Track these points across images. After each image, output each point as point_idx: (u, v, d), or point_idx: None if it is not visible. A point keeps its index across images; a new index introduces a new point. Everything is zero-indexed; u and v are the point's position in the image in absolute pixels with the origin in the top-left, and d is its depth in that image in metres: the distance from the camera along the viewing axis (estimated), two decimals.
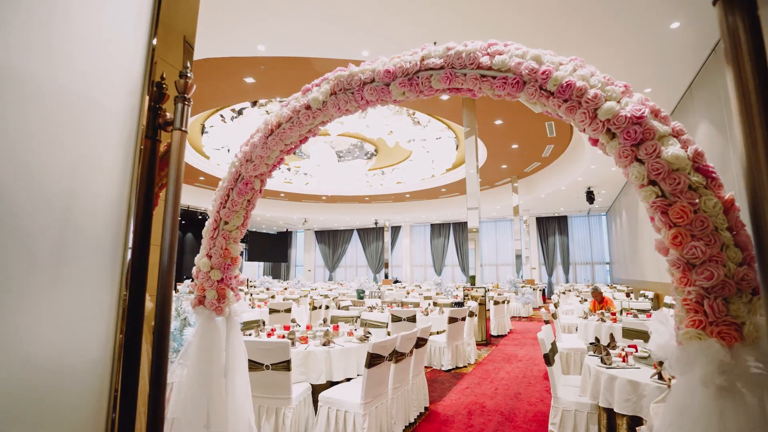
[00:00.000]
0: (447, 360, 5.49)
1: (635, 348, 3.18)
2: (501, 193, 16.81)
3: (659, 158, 1.14)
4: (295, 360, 3.39)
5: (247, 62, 7.19)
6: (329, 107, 1.85)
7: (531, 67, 1.39)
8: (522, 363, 6.00)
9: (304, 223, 23.38)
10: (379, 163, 15.08)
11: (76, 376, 1.07)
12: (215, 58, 6.85)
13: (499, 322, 8.54)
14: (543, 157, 12.50)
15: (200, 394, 2.07)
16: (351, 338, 3.80)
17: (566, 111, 1.36)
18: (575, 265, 20.25)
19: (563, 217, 20.37)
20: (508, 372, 5.47)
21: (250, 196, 2.17)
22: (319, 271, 26.59)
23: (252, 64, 7.23)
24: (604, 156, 10.05)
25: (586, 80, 1.32)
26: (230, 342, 2.21)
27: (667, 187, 1.13)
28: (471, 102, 8.44)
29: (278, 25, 5.40)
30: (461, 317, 5.66)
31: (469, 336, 6.02)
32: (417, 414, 3.73)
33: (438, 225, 23.30)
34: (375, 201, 20.25)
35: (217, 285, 2.14)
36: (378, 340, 3.02)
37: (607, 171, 11.62)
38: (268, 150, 2.03)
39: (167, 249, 1.32)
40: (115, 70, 1.29)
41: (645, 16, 4.61)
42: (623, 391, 2.48)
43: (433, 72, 1.61)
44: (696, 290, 1.05)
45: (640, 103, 1.23)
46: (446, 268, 22.93)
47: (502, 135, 10.70)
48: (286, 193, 18.11)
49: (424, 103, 9.01)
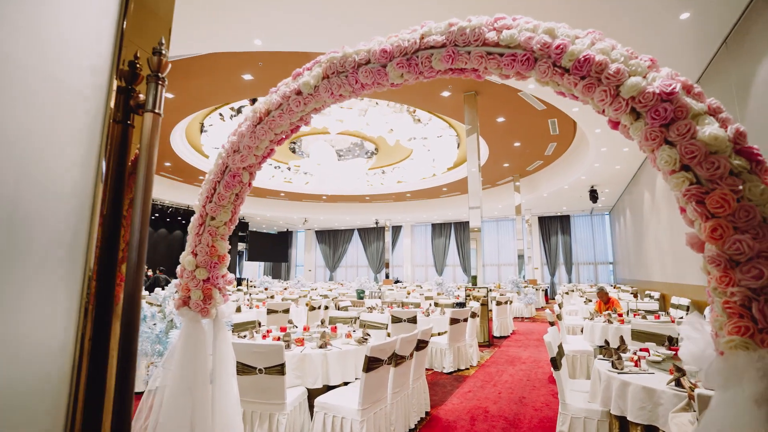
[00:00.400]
0: (449, 362, 5.34)
1: (647, 351, 3.02)
2: (503, 192, 16.65)
3: (694, 139, 0.99)
4: (290, 363, 3.24)
5: (245, 59, 7.05)
6: (321, 92, 1.71)
7: (543, 42, 1.25)
8: (526, 365, 5.85)
9: (304, 223, 23.25)
10: (379, 162, 14.94)
11: (20, 394, 0.93)
12: (212, 55, 6.72)
13: (502, 323, 8.38)
14: (546, 155, 12.34)
15: (184, 401, 1.93)
16: (349, 340, 3.66)
17: (584, 90, 1.21)
18: (578, 265, 20.07)
19: (566, 217, 20.20)
20: (512, 375, 5.32)
21: (238, 190, 2.02)
22: (319, 271, 26.47)
23: (249, 60, 7.09)
24: (608, 154, 9.87)
25: (607, 54, 1.17)
26: (217, 346, 2.07)
27: (703, 172, 0.98)
28: (473, 99, 8.29)
29: (274, 18, 5.26)
30: (463, 318, 5.51)
31: (471, 337, 5.87)
32: (418, 419, 3.58)
33: (439, 225, 23.15)
34: (375, 200, 20.10)
35: (202, 285, 2.00)
36: (377, 343, 2.88)
37: (610, 169, 11.46)
38: (257, 140, 1.88)
39: (136, 245, 1.18)
40: (78, 42, 1.14)
41: (653, 6, 4.45)
42: (637, 398, 2.33)
43: (434, 51, 1.47)
44: (741, 291, 0.90)
45: (670, 77, 1.08)
46: (447, 268, 22.77)
47: (505, 133, 10.55)
48: (287, 192, 17.98)
49: (424, 101, 8.86)
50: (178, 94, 8.34)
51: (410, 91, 8.30)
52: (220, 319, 2.09)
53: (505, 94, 8.21)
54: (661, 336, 3.64)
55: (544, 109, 8.78)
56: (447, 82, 7.84)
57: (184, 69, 7.29)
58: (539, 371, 5.50)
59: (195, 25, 5.41)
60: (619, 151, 9.80)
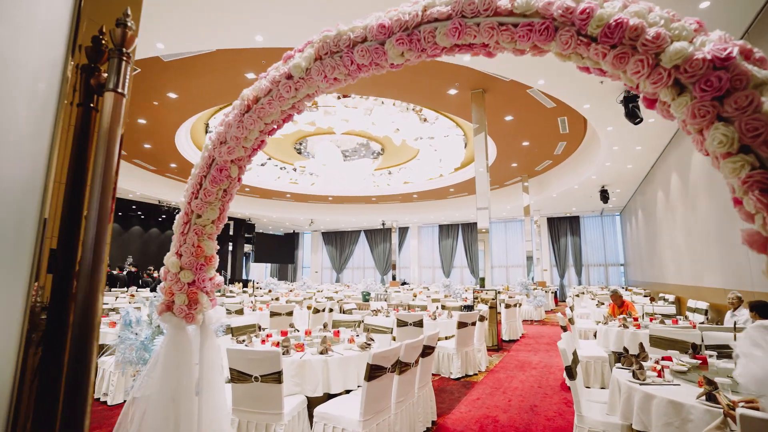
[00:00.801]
0: (456, 367, 5.15)
1: (671, 360, 2.81)
2: (511, 193, 16.39)
3: (758, 113, 0.81)
4: (289, 370, 3.08)
5: (248, 57, 6.94)
6: (314, 75, 1.54)
7: (566, 6, 1.07)
8: (537, 371, 5.63)
9: (310, 224, 23.16)
10: (385, 163, 14.77)
11: None
12: (215, 54, 6.60)
13: (511, 326, 8.16)
14: (555, 154, 12.08)
15: (167, 413, 1.78)
16: (352, 345, 3.48)
17: (614, 61, 1.02)
18: (588, 267, 19.71)
19: (575, 218, 19.85)
20: (522, 381, 5.10)
21: (226, 185, 1.86)
22: (326, 272, 26.34)
23: (252, 58, 6.97)
24: (619, 152, 9.60)
25: (643, 17, 0.99)
26: (205, 354, 1.91)
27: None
28: (480, 96, 8.08)
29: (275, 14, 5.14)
30: (471, 322, 5.31)
31: (480, 341, 5.67)
32: (423, 429, 3.39)
33: (446, 226, 22.91)
34: (382, 201, 19.93)
35: (187, 288, 1.84)
36: (380, 349, 2.70)
37: (622, 168, 11.17)
38: (245, 130, 1.72)
39: (91, 244, 1.02)
40: (26, 9, 0.99)
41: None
42: (663, 413, 2.12)
43: (438, 24, 1.29)
44: None
45: (724, 41, 0.89)
46: (455, 269, 22.52)
47: (513, 132, 10.32)
48: (292, 193, 17.89)
49: (431, 99, 8.67)
50: (181, 93, 8.24)
51: (416, 89, 8.13)
52: (208, 326, 1.93)
53: (513, 92, 8.00)
54: (684, 343, 3.41)
55: (553, 107, 8.55)
56: (454, 80, 7.66)
57: (186, 68, 7.19)
58: (551, 377, 5.28)
59: (197, 24, 5.32)
60: (631, 149, 9.54)
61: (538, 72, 6.42)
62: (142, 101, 8.60)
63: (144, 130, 10.31)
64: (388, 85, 8.04)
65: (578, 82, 6.62)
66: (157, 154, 12.36)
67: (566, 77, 6.51)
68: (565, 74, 6.39)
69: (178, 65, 7.05)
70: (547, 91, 7.16)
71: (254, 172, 14.64)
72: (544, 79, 6.64)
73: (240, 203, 18.64)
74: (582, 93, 7.03)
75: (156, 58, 6.74)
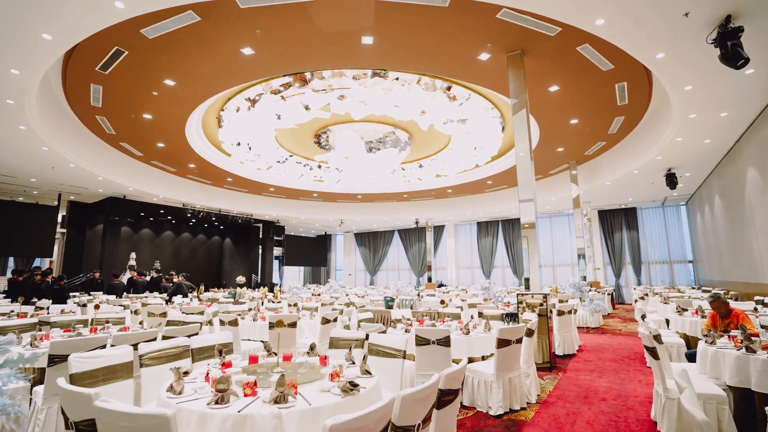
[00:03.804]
0: (496, 400, 3.85)
1: None
2: (556, 183, 14.65)
3: None
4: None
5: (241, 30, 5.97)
6: None
7: None
8: (607, 403, 4.21)
9: (340, 225, 22.27)
10: (415, 154, 13.53)
11: None
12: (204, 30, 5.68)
13: (565, 337, 6.68)
14: (609, 134, 10.36)
15: None
16: (332, 384, 2.31)
17: None
18: (648, 265, 17.46)
19: (631, 209, 17.67)
20: (590, 420, 3.72)
21: None
22: (360, 275, 25.39)
23: (246, 30, 5.99)
24: (697, 122, 7.53)
25: None
26: None
27: None
28: (518, 60, 6.65)
29: None
30: (516, 339, 4.00)
31: (528, 363, 4.32)
32: None
33: (485, 223, 21.29)
34: (414, 198, 18.68)
35: None
36: (358, 410, 1.52)
37: (698, 144, 9.30)
38: None
39: None
40: None
41: None
42: None
43: None
44: None
45: None
46: (495, 269, 20.85)
47: (559, 106, 8.78)
48: (319, 192, 17.03)
49: (459, 67, 7.34)
50: (178, 79, 7.44)
51: (441, 55, 6.85)
52: None
53: (559, 51, 6.54)
54: None
55: (610, 69, 6.99)
56: (485, 39, 6.32)
57: (176, 47, 6.33)
58: (630, 415, 3.86)
59: None
60: (714, 116, 7.72)
61: (596, 7, 4.90)
62: (141, 91, 7.88)
63: (152, 126, 9.68)
64: (408, 52, 6.82)
65: (651, 20, 5.05)
66: (172, 154, 11.79)
67: (632, 15, 5.00)
68: (632, 10, 4.89)
69: (164, 44, 6.19)
70: (609, 36, 5.49)
71: (276, 170, 13.84)
72: (604, 16, 5.08)
73: (266, 204, 18.00)
74: (655, 36, 5.36)
75: (141, 36, 5.92)
